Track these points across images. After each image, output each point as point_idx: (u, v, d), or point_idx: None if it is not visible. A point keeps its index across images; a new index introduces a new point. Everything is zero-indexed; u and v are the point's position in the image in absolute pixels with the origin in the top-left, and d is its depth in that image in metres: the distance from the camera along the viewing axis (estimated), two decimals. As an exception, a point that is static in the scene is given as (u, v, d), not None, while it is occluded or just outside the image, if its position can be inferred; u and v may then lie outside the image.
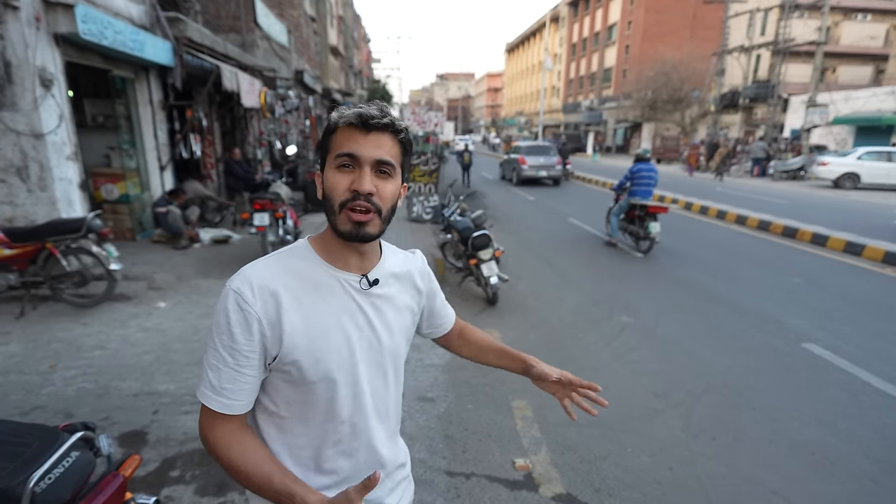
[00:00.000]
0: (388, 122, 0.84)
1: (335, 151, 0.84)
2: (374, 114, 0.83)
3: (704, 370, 3.73)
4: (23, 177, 4.84)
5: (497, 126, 71.38)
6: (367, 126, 0.83)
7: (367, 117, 0.82)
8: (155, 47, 6.22)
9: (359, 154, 0.83)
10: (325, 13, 21.34)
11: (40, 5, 4.67)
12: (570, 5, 47.01)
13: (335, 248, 0.90)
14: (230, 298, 0.83)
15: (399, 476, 1.05)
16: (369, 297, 0.92)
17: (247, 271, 0.86)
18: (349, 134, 0.83)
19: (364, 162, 0.83)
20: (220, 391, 0.83)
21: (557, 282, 5.98)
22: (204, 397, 0.84)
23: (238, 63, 8.80)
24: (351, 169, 0.84)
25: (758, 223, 9.47)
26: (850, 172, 15.77)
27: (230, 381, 0.83)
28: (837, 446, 2.80)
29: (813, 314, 4.90)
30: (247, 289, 0.83)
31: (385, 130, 0.84)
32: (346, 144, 0.83)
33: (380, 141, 0.84)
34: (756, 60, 27.24)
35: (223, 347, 0.83)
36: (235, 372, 0.83)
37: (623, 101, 34.12)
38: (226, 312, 0.82)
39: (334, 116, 0.85)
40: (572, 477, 2.51)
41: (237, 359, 0.83)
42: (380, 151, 0.84)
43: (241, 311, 0.82)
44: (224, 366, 0.83)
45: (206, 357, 0.85)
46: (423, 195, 9.76)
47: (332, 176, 0.85)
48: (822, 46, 20.26)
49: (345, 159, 0.83)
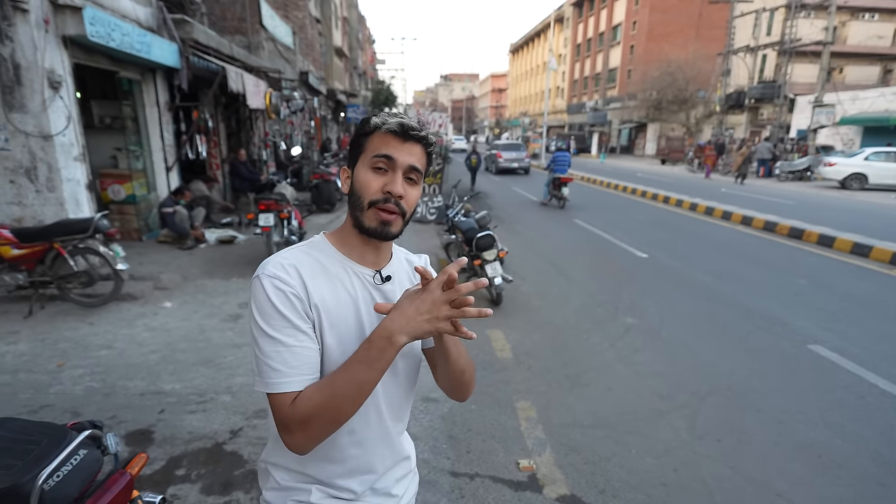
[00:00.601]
0: (423, 134, 0.91)
1: (372, 152, 0.90)
2: (414, 126, 0.89)
3: (709, 371, 3.72)
4: (31, 177, 4.88)
5: (501, 127, 71.32)
6: (406, 135, 0.89)
7: (408, 127, 0.89)
8: (161, 49, 6.26)
9: (396, 158, 0.89)
10: (329, 14, 21.40)
11: (49, 8, 4.71)
12: (574, 6, 46.94)
13: (353, 242, 0.95)
14: (267, 283, 0.84)
15: (406, 468, 1.08)
16: (381, 293, 0.96)
17: (274, 259, 0.88)
18: (388, 139, 0.89)
19: (399, 166, 0.89)
20: (290, 373, 0.82)
21: (562, 282, 5.97)
22: (277, 387, 0.82)
23: (244, 64, 8.84)
24: (384, 171, 0.89)
25: (764, 224, 9.42)
26: (858, 173, 15.65)
27: (296, 359, 0.83)
28: (844, 448, 2.79)
29: (819, 315, 4.86)
30: (280, 271, 0.85)
31: (419, 141, 0.91)
32: (385, 147, 0.89)
33: (413, 149, 0.90)
34: (762, 60, 27.11)
35: (277, 330, 0.83)
36: (301, 347, 0.84)
37: (628, 102, 34.04)
38: (267, 298, 0.83)
39: (376, 121, 0.90)
40: (576, 478, 2.51)
41: (297, 336, 0.84)
42: (413, 158, 0.90)
43: (282, 293, 0.84)
44: (285, 347, 0.83)
45: (259, 353, 0.83)
46: (427, 196, 9.78)
47: (365, 174, 0.90)
48: (829, 46, 20.14)
49: (382, 161, 0.89)
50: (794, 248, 7.94)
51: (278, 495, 0.96)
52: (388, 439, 1.00)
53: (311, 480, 0.95)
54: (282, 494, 0.95)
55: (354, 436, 0.94)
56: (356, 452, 0.96)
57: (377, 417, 0.97)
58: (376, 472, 0.99)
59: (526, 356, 3.92)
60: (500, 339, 4.22)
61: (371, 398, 0.93)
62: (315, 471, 0.95)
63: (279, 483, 0.96)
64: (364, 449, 0.96)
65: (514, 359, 3.87)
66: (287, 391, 0.82)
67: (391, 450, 1.02)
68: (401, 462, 1.06)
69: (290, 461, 0.95)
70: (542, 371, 3.69)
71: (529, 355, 3.95)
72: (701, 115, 29.28)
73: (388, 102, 40.76)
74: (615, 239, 8.36)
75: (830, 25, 19.97)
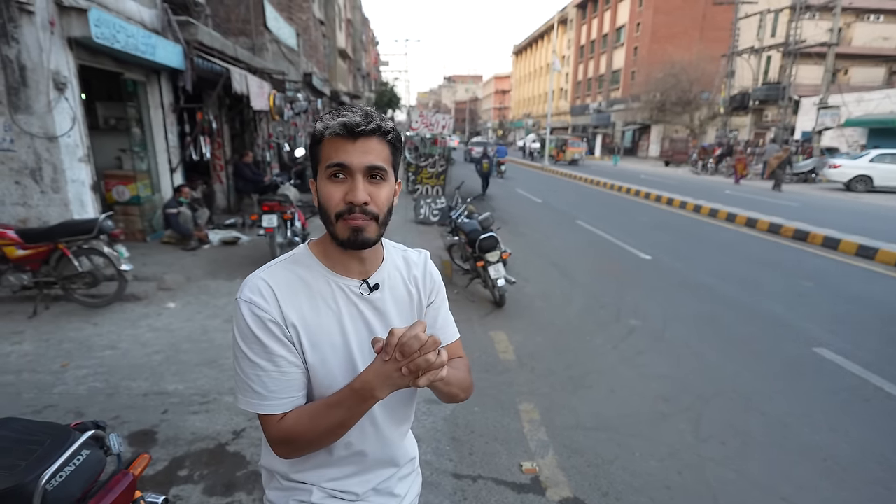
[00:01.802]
0: (373, 127, 0.82)
1: (325, 161, 0.83)
2: (359, 121, 0.81)
3: (713, 374, 3.70)
4: (36, 178, 4.91)
5: (505, 128, 71.32)
6: (354, 134, 0.81)
7: (352, 126, 0.80)
8: (166, 51, 6.29)
9: (349, 163, 0.81)
10: (333, 16, 21.47)
11: (54, 10, 4.74)
12: (578, 7, 46.94)
13: (335, 254, 0.90)
14: (244, 309, 0.83)
15: (409, 469, 1.08)
16: (370, 302, 0.93)
17: (252, 281, 0.87)
18: (337, 143, 0.82)
19: (355, 170, 0.82)
20: (269, 396, 0.84)
21: (565, 284, 5.96)
22: (257, 408, 0.85)
23: (248, 66, 8.87)
24: (343, 178, 0.83)
25: (768, 226, 9.38)
26: (863, 175, 15.58)
27: (275, 384, 0.84)
28: (849, 452, 2.76)
29: (824, 318, 4.84)
30: (257, 297, 0.84)
31: (372, 135, 0.82)
32: (336, 154, 0.82)
33: (368, 146, 0.82)
34: (766, 62, 27.03)
35: (257, 356, 0.83)
36: (279, 373, 0.84)
37: (631, 103, 33.96)
38: (246, 323, 0.83)
39: (319, 127, 0.83)
40: (579, 481, 2.50)
41: (276, 362, 0.84)
42: (370, 157, 0.82)
43: (259, 319, 0.83)
44: (264, 372, 0.84)
45: (240, 371, 0.85)
46: (430, 197, 9.77)
47: (325, 187, 0.84)
48: (834, 48, 20.07)
49: (335, 169, 0.82)
50: (799, 250, 7.90)
51: (281, 495, 0.96)
52: (388, 447, 0.99)
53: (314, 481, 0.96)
54: (284, 494, 0.96)
55: (352, 447, 0.94)
56: (355, 460, 0.95)
57: (374, 430, 0.96)
58: (380, 475, 1.00)
59: (529, 358, 3.91)
60: (504, 340, 4.21)
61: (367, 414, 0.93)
62: (314, 478, 0.94)
63: (281, 483, 0.96)
64: (362, 458, 0.96)
65: (517, 361, 3.86)
66: (269, 413, 0.84)
67: (392, 455, 1.01)
68: (404, 465, 1.05)
69: (287, 470, 0.95)
70: (545, 373, 3.68)
71: (532, 357, 3.94)
72: (705, 117, 29.20)
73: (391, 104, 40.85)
74: (618, 241, 8.34)
75: (835, 27, 19.89)
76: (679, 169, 25.97)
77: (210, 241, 7.05)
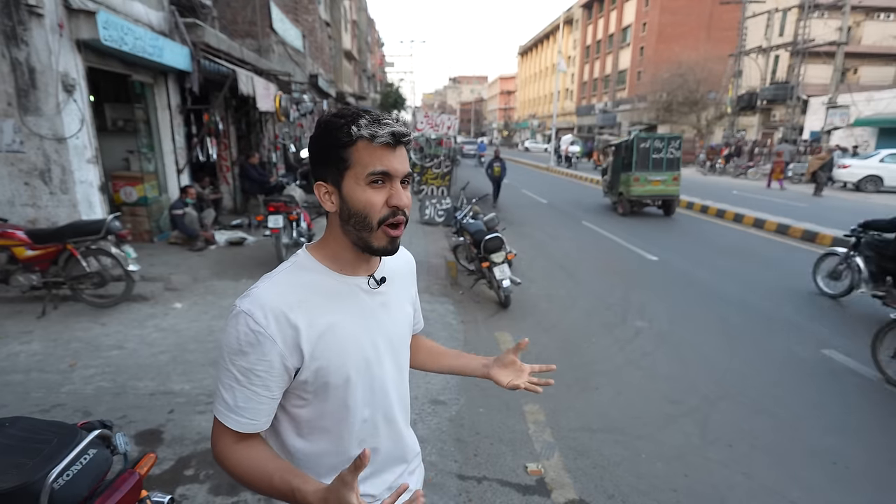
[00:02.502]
0: (412, 136, 0.87)
1: (364, 168, 0.81)
2: (403, 130, 0.83)
3: (721, 375, 3.67)
4: (45, 179, 4.95)
5: (510, 129, 71.25)
6: (399, 143, 0.83)
7: (399, 135, 0.82)
8: (173, 53, 6.33)
9: (393, 171, 0.83)
10: (339, 18, 21.54)
11: (63, 12, 4.78)
12: (584, 7, 46.82)
13: (346, 257, 0.90)
14: (241, 320, 0.81)
15: (416, 463, 1.10)
16: (378, 296, 0.94)
17: (255, 292, 0.84)
18: (379, 151, 0.81)
19: (396, 177, 0.84)
20: (235, 410, 0.83)
21: (570, 285, 5.94)
22: (220, 415, 0.84)
23: (254, 68, 8.92)
24: (382, 185, 0.83)
25: (776, 227, 9.30)
26: (873, 175, 15.42)
27: (245, 401, 0.83)
28: (860, 455, 2.73)
29: (833, 320, 4.78)
30: (257, 310, 0.81)
31: (406, 143, 0.86)
32: (379, 162, 0.81)
33: (403, 154, 0.85)
34: (774, 61, 26.83)
35: (235, 368, 0.82)
36: (250, 391, 0.82)
37: (637, 104, 33.81)
38: (237, 334, 0.81)
39: (364, 132, 0.80)
40: (585, 483, 2.48)
41: (251, 378, 0.82)
42: (406, 165, 0.85)
43: (253, 333, 0.80)
44: (238, 385, 0.82)
45: (219, 375, 0.85)
46: (435, 198, 9.78)
47: (363, 193, 0.82)
48: (843, 47, 19.90)
49: (379, 176, 0.82)
50: (808, 251, 7.82)
51: None
52: (399, 443, 1.01)
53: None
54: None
55: (364, 444, 0.94)
56: (374, 458, 0.95)
57: (389, 421, 0.97)
58: (394, 472, 1.00)
59: (534, 359, 3.90)
60: (509, 341, 4.20)
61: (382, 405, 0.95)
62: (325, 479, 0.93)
63: None
64: (375, 456, 0.96)
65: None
66: (225, 424, 0.84)
67: (402, 452, 1.03)
68: (412, 459, 1.07)
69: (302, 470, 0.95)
70: (551, 374, 3.65)
71: (538, 358, 3.92)
72: (712, 117, 29.02)
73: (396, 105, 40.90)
74: (624, 241, 8.30)
75: (844, 25, 19.72)
76: (686, 169, 25.78)
77: (216, 242, 7.09)
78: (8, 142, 4.77)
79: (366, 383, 0.91)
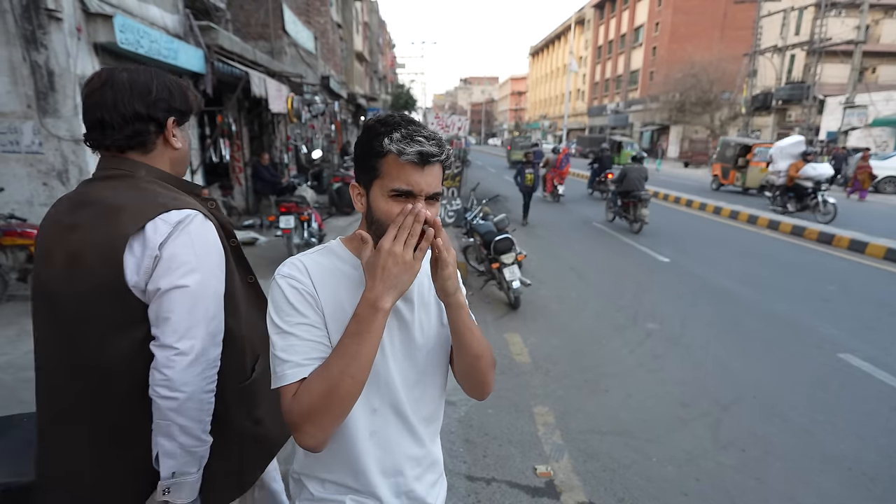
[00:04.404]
0: (444, 157, 0.84)
1: (389, 182, 0.84)
2: (434, 151, 0.82)
3: (733, 379, 3.62)
4: (63, 180, 5.05)
5: (521, 130, 71.06)
6: (427, 163, 0.83)
7: (427, 155, 0.82)
8: (188, 55, 6.42)
9: (417, 191, 0.83)
10: (351, 20, 21.67)
11: (81, 16, 4.87)
12: (595, 7, 46.57)
13: None
14: (283, 283, 0.87)
15: (437, 473, 1.07)
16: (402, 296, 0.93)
17: (289, 261, 0.91)
18: (407, 168, 0.82)
19: (420, 195, 0.84)
20: (305, 361, 0.83)
21: (581, 286, 5.91)
22: (289, 377, 0.82)
23: (266, 69, 9.01)
24: (405, 199, 0.84)
25: (791, 228, 9.16)
26: (892, 176, 15.11)
27: (311, 352, 0.84)
28: (876, 462, 2.68)
29: (850, 323, 4.70)
30: (295, 271, 0.88)
31: (438, 163, 0.85)
32: (403, 178, 0.83)
33: (433, 173, 0.85)
34: (790, 61, 26.41)
35: (295, 327, 0.85)
36: (316, 343, 0.86)
37: (650, 104, 33.52)
38: (284, 296, 0.86)
39: (393, 147, 0.81)
40: (595, 485, 2.47)
41: (311, 332, 0.86)
42: (433, 184, 0.85)
43: (297, 291, 0.86)
44: (301, 342, 0.84)
45: (274, 350, 0.85)
46: (445, 199, 9.78)
47: (385, 204, 0.85)
48: (861, 45, 19.54)
49: (402, 192, 0.83)
50: (824, 253, 7.70)
51: None
52: (414, 438, 0.98)
53: (345, 490, 0.94)
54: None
55: (376, 437, 0.94)
56: (380, 455, 0.95)
57: (396, 416, 0.95)
58: (405, 475, 0.98)
59: (544, 361, 3.89)
60: (518, 343, 4.19)
61: (391, 402, 0.94)
62: (343, 476, 0.94)
63: (313, 494, 0.95)
64: (388, 450, 0.95)
65: (532, 363, 3.84)
66: (296, 380, 0.82)
67: (418, 450, 1.00)
68: (431, 467, 1.04)
69: (319, 470, 0.95)
70: (561, 376, 3.64)
71: (547, 360, 3.91)
72: (726, 118, 28.66)
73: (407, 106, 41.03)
74: (636, 243, 8.24)
75: (862, 24, 19.36)
76: (699, 170, 25.53)
77: (229, 242, 7.16)
78: (28, 143, 4.87)
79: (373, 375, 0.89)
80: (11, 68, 4.67)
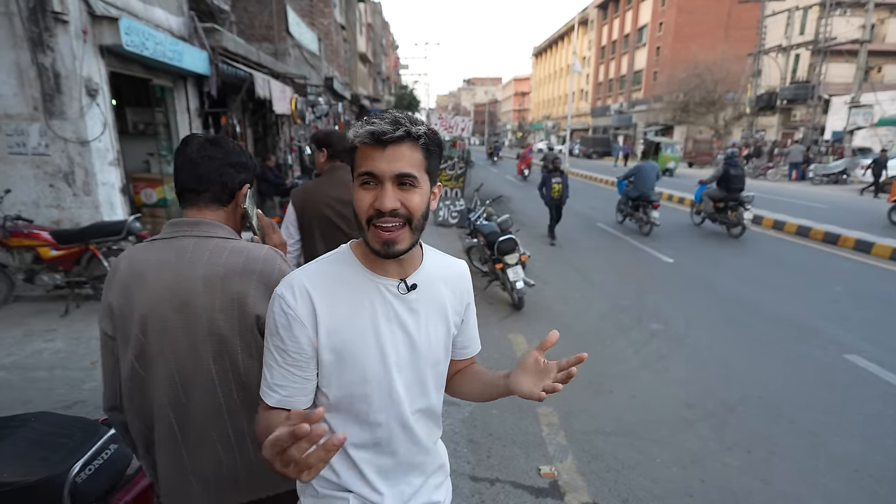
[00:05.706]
0: (402, 133, 0.81)
1: (357, 170, 0.85)
2: (386, 128, 0.80)
3: (739, 380, 3.61)
4: (69, 181, 5.08)
5: (524, 130, 70.98)
6: (382, 142, 0.81)
7: (378, 134, 0.80)
8: (192, 57, 6.45)
9: (377, 172, 0.82)
10: (354, 21, 21.73)
11: (87, 19, 4.91)
12: (599, 8, 46.50)
13: (373, 255, 0.90)
14: (276, 303, 0.88)
15: (443, 475, 1.08)
16: (407, 302, 0.93)
17: (291, 276, 0.91)
18: (367, 151, 0.83)
19: (384, 178, 0.82)
20: (272, 387, 0.89)
21: (585, 287, 5.89)
22: (263, 394, 0.90)
23: (270, 71, 9.04)
24: (374, 185, 0.83)
25: (796, 228, 9.11)
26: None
27: (282, 379, 0.88)
28: (883, 463, 2.66)
29: (856, 324, 4.67)
30: (288, 292, 0.87)
31: (402, 142, 0.82)
32: (365, 162, 0.83)
33: (397, 154, 0.81)
34: (794, 60, 26.30)
35: (274, 348, 0.88)
36: (286, 371, 0.88)
37: (653, 104, 33.43)
38: (273, 316, 0.88)
39: (350, 135, 0.85)
40: (599, 486, 2.46)
41: (285, 359, 0.87)
42: (399, 165, 0.81)
43: (285, 315, 0.86)
44: (276, 364, 0.88)
45: (264, 357, 0.92)
46: (449, 199, 9.78)
47: (357, 193, 0.85)
48: (867, 45, 19.43)
49: (365, 177, 0.83)
50: (830, 253, 7.65)
51: (315, 502, 0.97)
52: (419, 448, 0.99)
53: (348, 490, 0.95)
54: (320, 502, 0.96)
55: (380, 448, 0.94)
56: (387, 462, 0.95)
57: (401, 428, 0.95)
58: (410, 483, 0.99)
59: (548, 361, 3.87)
60: (522, 343, 4.19)
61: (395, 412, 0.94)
62: (349, 481, 0.94)
63: (317, 491, 0.96)
64: (395, 460, 0.96)
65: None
66: (265, 401, 0.89)
67: (423, 457, 1.01)
68: (436, 471, 1.05)
69: (325, 471, 0.95)
70: (565, 377, 3.63)
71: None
72: (730, 118, 28.55)
73: (410, 107, 41.08)
74: (640, 243, 8.21)
75: (868, 23, 19.27)
76: (703, 170, 25.42)
77: (233, 243, 7.19)
78: (34, 145, 4.90)
79: (378, 382, 0.91)
80: (18, 71, 4.71)
